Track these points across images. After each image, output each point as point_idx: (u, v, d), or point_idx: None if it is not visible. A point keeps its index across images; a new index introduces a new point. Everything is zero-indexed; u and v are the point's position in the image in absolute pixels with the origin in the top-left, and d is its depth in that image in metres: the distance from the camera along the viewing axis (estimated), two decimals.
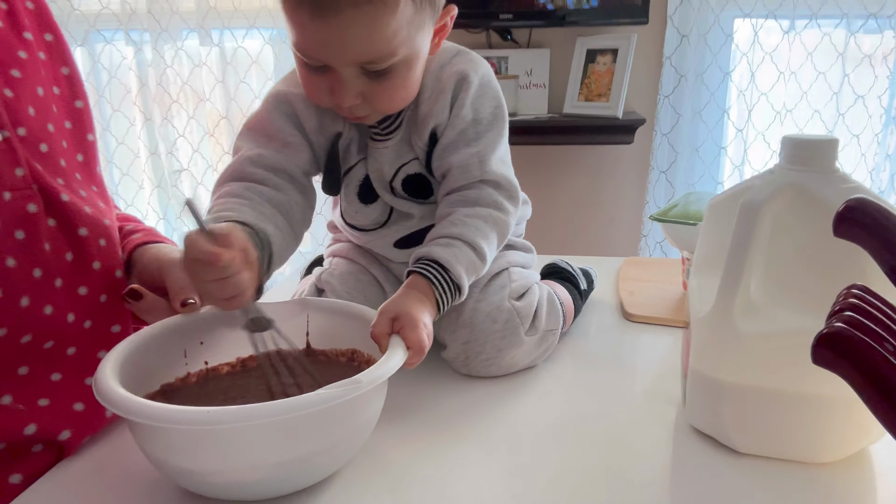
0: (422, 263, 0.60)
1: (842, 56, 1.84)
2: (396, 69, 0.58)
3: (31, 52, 0.59)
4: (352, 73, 0.57)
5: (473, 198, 0.64)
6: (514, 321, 0.65)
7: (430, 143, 0.65)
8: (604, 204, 2.14)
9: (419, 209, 0.69)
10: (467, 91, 0.64)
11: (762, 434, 0.54)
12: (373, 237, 0.72)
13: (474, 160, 0.64)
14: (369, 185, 0.68)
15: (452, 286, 0.60)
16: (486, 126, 0.65)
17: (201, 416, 0.42)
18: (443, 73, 0.64)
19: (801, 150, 0.52)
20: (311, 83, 0.60)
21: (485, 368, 0.66)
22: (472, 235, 0.61)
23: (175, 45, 2.08)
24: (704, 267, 0.60)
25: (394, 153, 0.66)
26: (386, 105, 0.61)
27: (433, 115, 0.64)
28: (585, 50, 1.96)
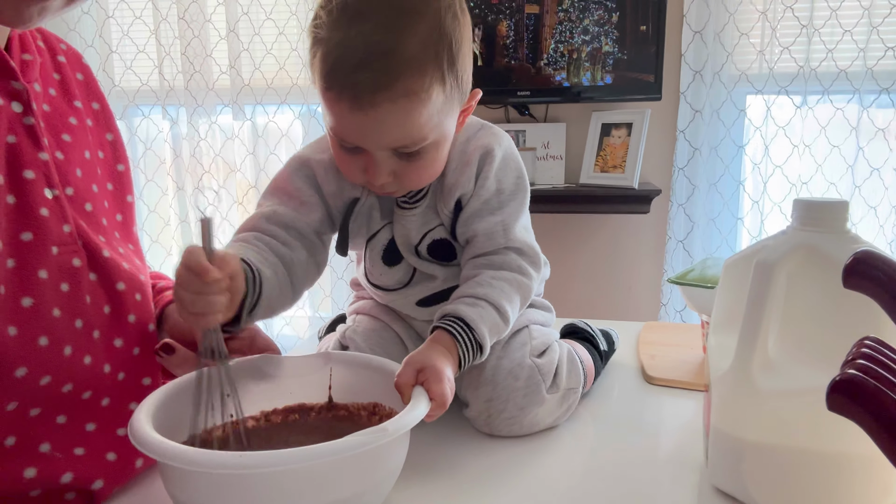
0: (447, 320, 0.62)
1: (855, 130, 1.88)
2: (426, 151, 0.61)
3: (81, 118, 0.63)
4: (385, 156, 0.61)
5: (499, 262, 0.66)
6: (536, 378, 0.66)
7: (455, 211, 0.68)
8: (622, 272, 2.15)
9: (442, 271, 0.71)
10: (491, 164, 0.67)
11: (785, 493, 0.53)
12: (396, 296, 0.74)
13: (499, 228, 0.67)
14: (394, 249, 0.71)
15: (475, 345, 0.62)
16: (508, 196, 0.68)
17: (234, 460, 0.43)
18: (468, 147, 0.68)
19: (812, 212, 0.54)
20: (346, 162, 0.63)
21: (507, 427, 0.66)
22: (497, 297, 0.64)
23: (209, 119, 2.19)
24: (722, 326, 0.61)
25: (420, 220, 0.69)
26: (415, 183, 0.64)
27: (459, 185, 0.67)
28: (600, 124, 2.02)
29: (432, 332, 0.62)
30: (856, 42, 1.84)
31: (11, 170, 0.54)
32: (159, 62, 2.17)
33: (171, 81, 2.18)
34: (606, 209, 2.00)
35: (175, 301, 0.53)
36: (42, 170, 0.56)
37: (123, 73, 2.22)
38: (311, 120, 2.17)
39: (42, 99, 0.60)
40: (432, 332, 0.62)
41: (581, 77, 1.95)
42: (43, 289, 0.54)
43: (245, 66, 2.13)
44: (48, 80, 0.62)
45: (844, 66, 1.85)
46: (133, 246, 0.68)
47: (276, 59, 2.13)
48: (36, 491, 0.53)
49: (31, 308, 0.53)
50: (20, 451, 0.53)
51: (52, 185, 0.56)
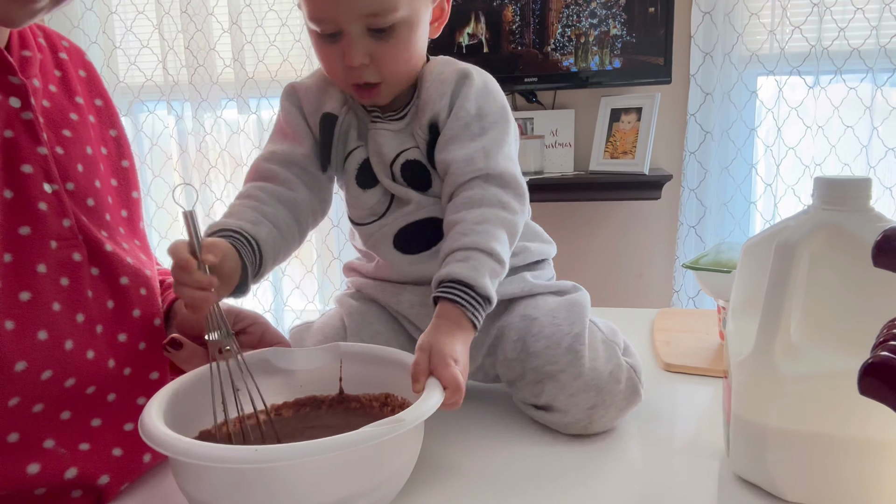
0: (445, 287, 0.58)
1: (869, 109, 1.84)
2: (398, 29, 0.63)
3: (82, 114, 0.63)
4: (359, 32, 0.62)
5: (478, 199, 0.62)
6: (633, 379, 0.65)
7: (431, 135, 0.67)
8: (633, 259, 2.13)
9: (417, 197, 0.68)
10: (470, 87, 0.66)
11: (810, 481, 0.52)
12: (373, 231, 0.70)
13: (479, 154, 0.64)
14: (368, 170, 0.69)
15: (480, 300, 0.58)
16: (491, 122, 0.66)
17: (249, 454, 0.42)
18: (445, 69, 0.68)
19: (834, 191, 0.53)
20: (327, 54, 0.65)
21: (602, 425, 0.65)
22: (487, 242, 0.60)
23: (214, 113, 2.18)
24: (742, 311, 0.59)
25: (395, 139, 0.68)
26: (391, 67, 0.64)
27: (432, 102, 0.66)
28: (609, 109, 2.00)
29: (435, 302, 0.59)
30: (868, 20, 1.80)
31: (9, 164, 0.54)
32: (163, 57, 2.16)
33: (176, 76, 2.17)
34: (617, 196, 1.97)
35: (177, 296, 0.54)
36: (41, 164, 0.56)
37: (128, 68, 2.21)
38: None
39: (42, 95, 0.59)
40: (435, 304, 0.59)
41: (589, 62, 1.92)
42: (41, 283, 0.54)
43: (249, 58, 2.12)
44: (49, 77, 0.61)
45: (857, 45, 1.82)
46: (140, 241, 0.67)
47: (279, 51, 2.12)
48: (41, 489, 0.53)
49: (29, 302, 0.53)
50: (23, 447, 0.52)
51: (51, 180, 0.56)
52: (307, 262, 2.29)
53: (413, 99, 0.69)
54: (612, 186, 1.91)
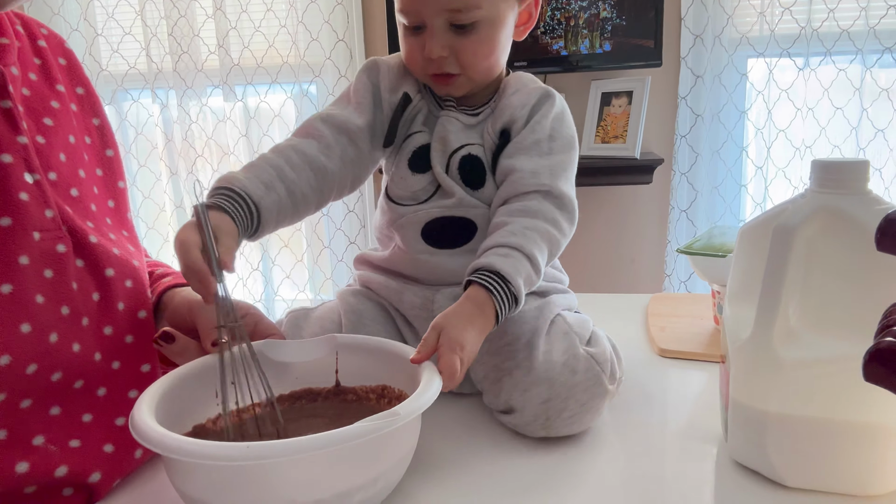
0: (482, 274, 0.58)
1: (859, 91, 1.85)
2: (480, 26, 0.64)
3: (64, 103, 0.61)
4: (441, 26, 0.64)
5: (534, 210, 0.63)
6: (595, 370, 0.61)
7: (500, 139, 0.68)
8: (625, 244, 2.13)
9: (462, 194, 0.67)
10: (550, 108, 0.68)
11: (809, 466, 0.52)
12: (407, 212, 0.69)
13: (545, 171, 0.65)
14: (423, 155, 0.69)
15: (511, 297, 0.58)
16: (561, 146, 0.67)
17: (241, 451, 0.41)
18: (530, 84, 0.70)
19: (832, 174, 0.52)
20: (409, 44, 0.67)
21: (567, 427, 0.61)
22: (530, 247, 0.60)
23: (200, 101, 2.15)
24: (739, 296, 0.59)
25: (463, 131, 0.69)
26: (470, 60, 0.66)
27: (511, 108, 0.68)
28: (600, 93, 1.99)
29: (466, 286, 0.58)
30: (857, 1, 1.80)
31: None
32: (146, 44, 2.12)
33: (160, 63, 2.14)
34: (608, 181, 1.97)
35: None
36: (21, 154, 0.54)
37: (110, 56, 2.18)
38: (303, 99, 2.13)
39: (21, 83, 0.57)
40: (466, 287, 0.58)
41: (579, 45, 1.90)
42: (24, 275, 0.52)
43: (234, 45, 2.09)
44: (28, 65, 0.59)
45: (846, 26, 1.82)
46: (127, 232, 0.66)
47: (264, 36, 2.09)
48: (31, 488, 0.52)
49: (11, 294, 0.51)
50: (12, 444, 0.51)
51: (32, 170, 0.55)
52: (297, 252, 2.28)
53: (491, 101, 0.70)
54: (603, 171, 1.91)
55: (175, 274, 0.72)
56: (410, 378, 0.55)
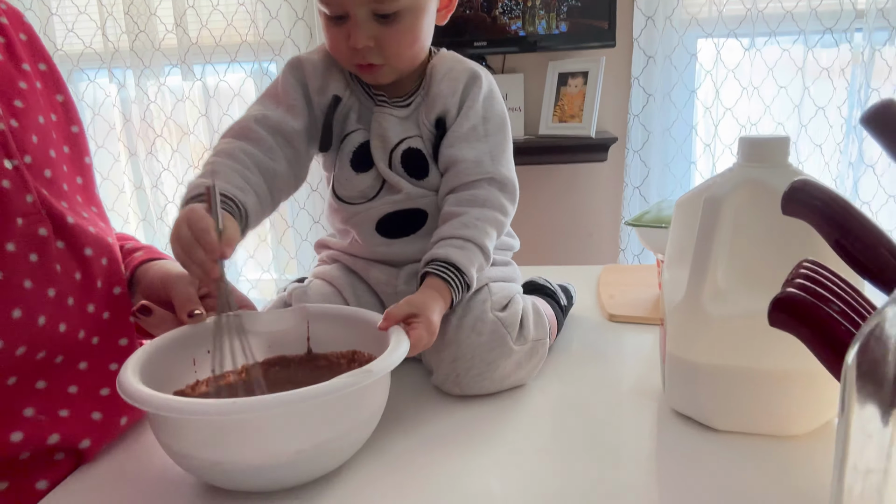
0: (439, 266, 0.64)
1: (801, 70, 1.93)
2: (404, 15, 0.65)
3: (30, 81, 0.61)
4: (364, 16, 0.64)
5: (482, 199, 0.68)
6: (500, 331, 0.66)
7: (436, 128, 0.70)
8: (582, 219, 2.20)
9: (409, 187, 0.70)
10: (479, 90, 0.70)
11: (736, 411, 0.58)
12: (359, 210, 0.72)
13: (486, 157, 0.69)
14: (364, 153, 0.71)
15: (464, 285, 0.65)
16: (494, 127, 0.71)
17: (227, 406, 0.45)
18: (456, 66, 0.71)
19: (756, 149, 0.58)
20: (332, 35, 0.67)
21: (477, 384, 0.66)
22: (482, 238, 0.66)
23: (158, 80, 2.13)
24: (675, 261, 0.64)
25: (400, 125, 0.70)
26: (395, 50, 0.67)
27: (442, 96, 0.69)
28: (557, 73, 2.04)
29: (423, 278, 0.64)
30: None
31: None
32: (102, 23, 2.09)
33: (116, 43, 2.11)
34: (565, 159, 2.03)
35: (176, 255, 0.56)
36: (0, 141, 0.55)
37: (65, 36, 2.13)
38: (262, 78, 2.13)
39: None
40: (423, 279, 0.64)
41: (536, 26, 1.95)
42: (12, 261, 0.54)
43: (192, 23, 2.07)
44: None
45: (790, 7, 1.90)
46: (96, 208, 0.67)
47: (223, 15, 2.07)
48: (25, 454, 0.54)
49: (2, 282, 0.53)
50: (4, 417, 0.54)
51: (10, 156, 0.55)
52: (261, 232, 2.29)
53: (420, 88, 0.71)
54: (560, 150, 1.96)
55: (145, 248, 0.74)
56: (378, 343, 0.59)
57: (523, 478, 0.54)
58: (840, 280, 0.42)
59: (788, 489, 0.51)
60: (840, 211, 0.40)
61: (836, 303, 0.38)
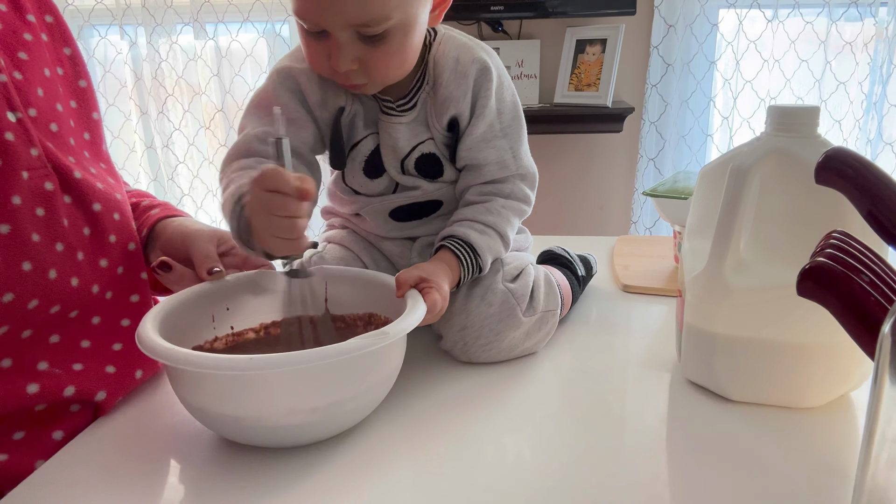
0: (455, 242, 0.64)
1: (824, 44, 1.89)
2: (391, 35, 0.58)
3: (35, 33, 0.60)
4: (348, 38, 0.58)
5: (508, 191, 0.68)
6: (510, 302, 0.66)
7: (449, 130, 0.67)
8: (594, 190, 2.19)
9: (425, 185, 0.70)
10: (490, 84, 0.65)
11: (752, 382, 0.58)
12: (372, 202, 0.71)
13: (508, 155, 0.68)
14: (376, 161, 0.68)
15: (476, 268, 0.65)
16: (509, 118, 0.68)
17: (245, 362, 0.46)
18: (462, 57, 0.65)
19: (785, 118, 0.57)
20: (312, 50, 0.60)
21: (484, 353, 0.66)
22: (504, 226, 0.67)
23: (170, 38, 2.10)
24: (697, 231, 0.64)
25: (409, 131, 0.67)
26: (382, 73, 0.61)
27: (453, 99, 0.65)
28: (575, 40, 2.00)
29: (437, 249, 0.65)
30: None
31: None
32: None
33: None
34: (580, 129, 2.01)
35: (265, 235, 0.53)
36: (2, 93, 0.54)
37: None
38: (275, 39, 2.10)
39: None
40: (437, 251, 0.64)
41: None
42: (18, 215, 0.53)
43: None
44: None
45: None
46: (105, 164, 0.66)
47: None
48: (41, 405, 0.55)
49: (10, 234, 0.53)
50: (19, 370, 0.54)
51: (13, 108, 0.54)
52: None
53: (423, 84, 0.66)
54: (575, 119, 1.94)
55: (162, 205, 0.74)
56: (395, 306, 0.60)
57: (533, 443, 0.54)
58: (870, 252, 0.41)
59: (804, 460, 0.51)
60: (874, 180, 0.39)
61: (866, 274, 0.37)
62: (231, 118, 2.14)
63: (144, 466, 0.52)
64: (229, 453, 0.53)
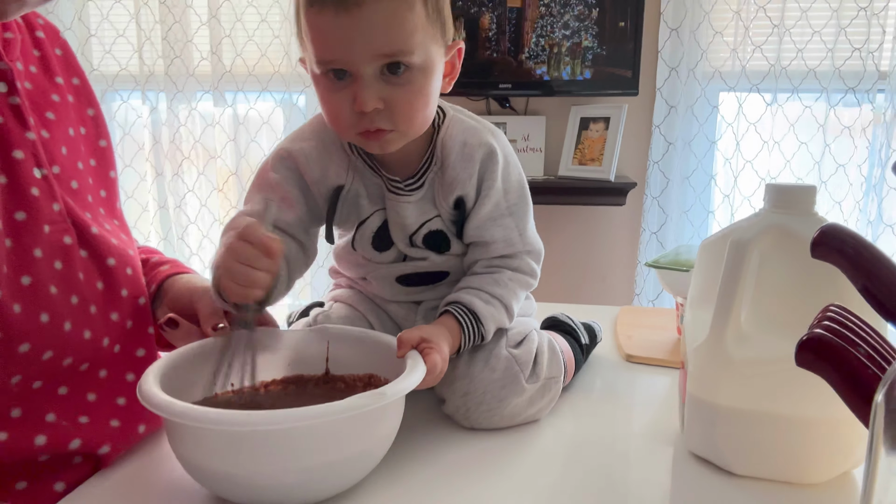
0: (460, 309, 0.65)
1: (822, 127, 1.95)
2: (415, 75, 0.60)
3: (62, 95, 0.63)
4: (372, 75, 0.59)
5: (516, 265, 0.70)
6: (514, 368, 0.66)
7: (455, 208, 0.69)
8: (597, 261, 2.21)
9: (434, 256, 0.71)
10: (496, 167, 0.67)
11: (755, 456, 0.57)
12: (379, 268, 0.72)
13: (514, 234, 0.69)
14: (384, 235, 0.70)
15: (479, 337, 0.66)
16: (515, 197, 0.70)
17: (241, 417, 0.46)
18: (469, 141, 0.67)
19: (783, 196, 0.58)
20: (334, 100, 0.61)
21: (487, 419, 0.66)
22: (510, 299, 0.68)
23: (189, 105, 2.18)
24: (698, 302, 0.65)
25: (417, 209, 0.68)
26: (406, 115, 0.61)
27: (460, 181, 0.67)
28: (579, 118, 2.07)
29: (441, 314, 0.66)
30: (824, 42, 1.91)
31: (1, 150, 0.55)
32: (139, 47, 2.15)
33: (152, 66, 2.17)
34: (584, 201, 2.05)
35: (222, 270, 0.56)
36: (30, 149, 0.56)
37: (102, 57, 2.20)
38: (292, 108, 2.17)
39: (24, 77, 0.59)
40: (440, 315, 0.65)
41: (561, 71, 1.99)
42: (39, 267, 0.55)
43: (226, 52, 2.13)
44: (28, 57, 0.61)
45: (813, 66, 1.92)
46: (118, 221, 0.68)
47: (257, 45, 2.14)
48: (45, 456, 0.55)
49: (31, 286, 0.54)
50: (27, 421, 0.55)
51: (40, 165, 0.57)
52: None
53: (431, 165, 0.68)
54: (579, 191, 1.98)
55: (171, 262, 0.75)
56: (396, 368, 0.60)
57: None
58: (867, 325, 0.42)
59: None
60: (868, 256, 0.41)
61: (862, 346, 0.38)
62: (244, 181, 2.20)
63: None
64: None
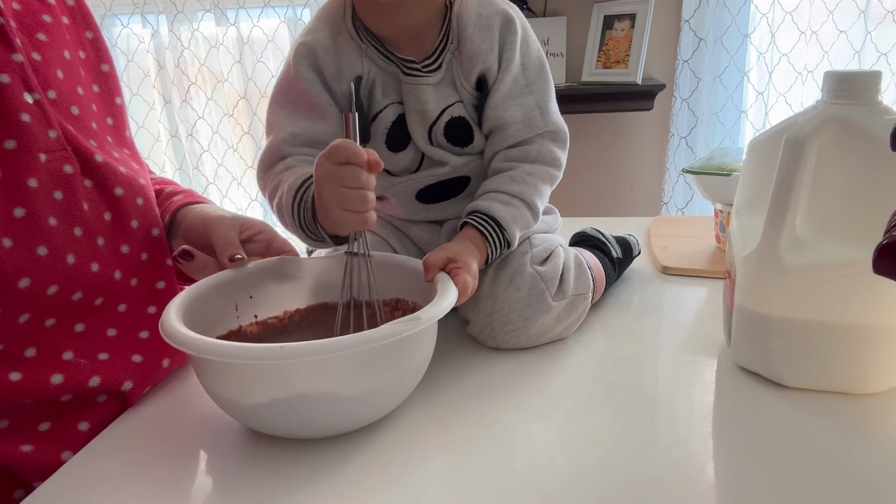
0: (479, 218, 0.61)
1: (864, 14, 1.81)
2: None
3: (55, 16, 0.59)
4: None
5: (534, 154, 0.64)
6: (539, 286, 0.63)
7: (477, 89, 0.64)
8: (624, 171, 2.13)
9: (453, 158, 0.66)
10: (515, 34, 0.63)
11: (809, 367, 0.54)
12: (398, 182, 0.68)
13: (535, 112, 0.64)
14: (399, 132, 0.65)
15: (504, 242, 0.62)
16: (534, 72, 0.64)
17: (274, 351, 0.43)
18: (483, 11, 0.63)
19: (844, 84, 0.52)
20: None
21: (513, 339, 0.64)
22: (531, 195, 0.63)
23: (191, 26, 2.09)
24: (747, 208, 0.60)
25: (437, 93, 0.63)
26: None
27: (481, 53, 0.62)
28: (602, 16, 1.94)
29: (462, 227, 0.61)
30: None
31: None
32: None
33: None
34: (609, 107, 1.95)
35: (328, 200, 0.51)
36: (18, 73, 0.53)
37: None
38: (297, 24, 2.07)
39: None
40: (462, 228, 0.61)
41: None
42: (34, 198, 0.52)
43: None
44: None
45: None
46: (129, 150, 0.65)
47: None
48: (67, 396, 0.54)
49: (24, 218, 0.52)
50: (42, 360, 0.53)
51: (31, 89, 0.53)
52: (251, 191, 2.26)
53: (447, 43, 0.63)
54: (604, 97, 1.88)
55: (185, 192, 0.72)
56: (422, 291, 0.57)
57: (564, 430, 0.52)
58: None
59: (865, 449, 0.48)
60: None
61: None
62: (254, 105, 2.13)
63: (172, 461, 0.50)
64: (258, 445, 0.51)
